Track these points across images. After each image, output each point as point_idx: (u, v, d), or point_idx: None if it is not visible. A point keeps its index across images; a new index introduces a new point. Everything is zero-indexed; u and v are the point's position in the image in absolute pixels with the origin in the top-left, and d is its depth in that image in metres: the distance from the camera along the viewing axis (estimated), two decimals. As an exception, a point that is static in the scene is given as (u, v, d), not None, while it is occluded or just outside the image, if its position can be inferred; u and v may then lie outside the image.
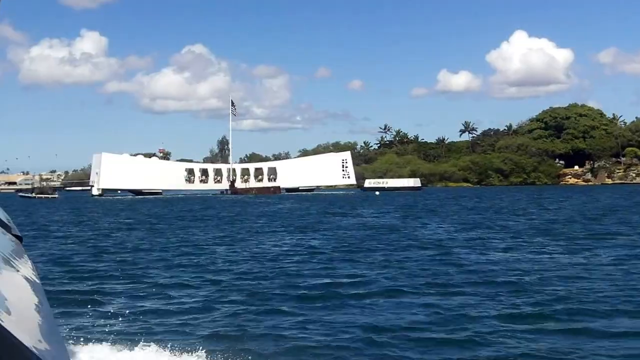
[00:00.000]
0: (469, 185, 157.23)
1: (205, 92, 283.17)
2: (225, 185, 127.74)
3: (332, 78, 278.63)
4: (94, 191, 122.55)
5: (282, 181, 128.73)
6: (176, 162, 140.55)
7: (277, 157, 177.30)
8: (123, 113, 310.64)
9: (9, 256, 3.82)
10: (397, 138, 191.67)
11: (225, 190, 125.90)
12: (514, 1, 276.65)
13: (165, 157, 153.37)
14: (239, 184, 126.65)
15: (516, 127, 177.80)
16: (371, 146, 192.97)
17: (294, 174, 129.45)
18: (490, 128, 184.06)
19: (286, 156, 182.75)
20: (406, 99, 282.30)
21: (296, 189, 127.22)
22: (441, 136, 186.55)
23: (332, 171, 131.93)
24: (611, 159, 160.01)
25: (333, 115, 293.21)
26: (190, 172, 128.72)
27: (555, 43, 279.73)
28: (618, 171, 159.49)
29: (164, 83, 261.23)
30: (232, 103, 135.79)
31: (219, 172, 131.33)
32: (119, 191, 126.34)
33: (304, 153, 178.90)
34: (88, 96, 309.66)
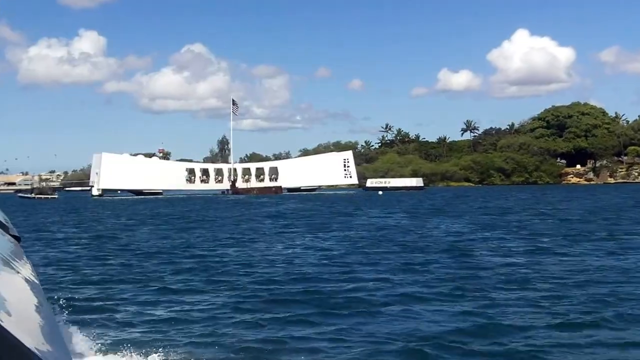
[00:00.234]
0: (471, 184, 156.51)
1: (204, 92, 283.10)
2: (226, 185, 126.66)
3: (332, 78, 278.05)
4: (94, 191, 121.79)
5: (284, 181, 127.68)
6: (177, 162, 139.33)
7: (278, 157, 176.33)
8: (122, 113, 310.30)
9: (8, 257, 3.85)
10: (398, 137, 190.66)
11: (226, 190, 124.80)
12: (516, 0, 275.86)
13: (165, 157, 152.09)
14: (240, 184, 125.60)
15: (518, 126, 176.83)
16: (372, 146, 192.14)
17: (296, 174, 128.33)
18: (491, 127, 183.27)
19: (287, 156, 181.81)
20: (406, 99, 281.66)
21: (298, 189, 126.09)
22: (442, 135, 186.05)
23: (334, 171, 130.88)
24: (613, 158, 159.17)
25: (333, 115, 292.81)
26: (191, 172, 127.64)
27: (557, 42, 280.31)
28: (620, 170, 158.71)
29: (164, 83, 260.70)
30: (234, 102, 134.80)
31: (220, 172, 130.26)
32: (119, 191, 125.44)
33: (305, 153, 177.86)
34: (87, 96, 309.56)
